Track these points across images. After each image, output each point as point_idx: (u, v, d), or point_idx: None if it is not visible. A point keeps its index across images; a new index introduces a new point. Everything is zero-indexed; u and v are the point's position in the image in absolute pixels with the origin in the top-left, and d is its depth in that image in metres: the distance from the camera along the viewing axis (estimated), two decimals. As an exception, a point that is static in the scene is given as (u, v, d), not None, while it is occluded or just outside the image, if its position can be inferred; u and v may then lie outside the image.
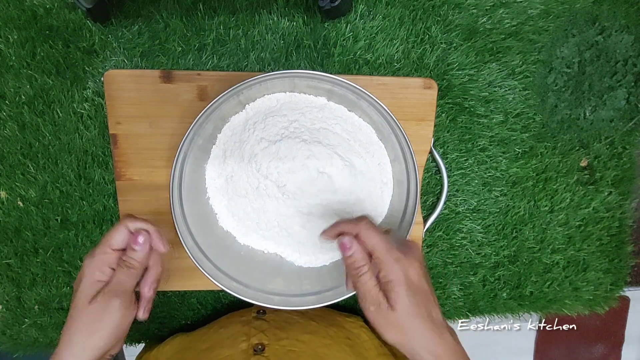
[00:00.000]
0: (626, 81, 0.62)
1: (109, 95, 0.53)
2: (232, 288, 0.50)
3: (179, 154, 0.47)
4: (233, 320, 0.55)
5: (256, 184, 0.51)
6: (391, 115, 0.47)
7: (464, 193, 0.63)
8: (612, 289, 0.70)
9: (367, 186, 0.51)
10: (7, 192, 0.57)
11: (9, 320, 0.61)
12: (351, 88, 0.46)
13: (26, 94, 0.54)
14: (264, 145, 0.50)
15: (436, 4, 0.56)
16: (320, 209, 0.51)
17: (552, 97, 0.61)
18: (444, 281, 0.66)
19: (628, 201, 0.67)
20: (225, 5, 0.54)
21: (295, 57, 0.56)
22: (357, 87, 0.45)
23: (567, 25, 0.60)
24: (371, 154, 0.52)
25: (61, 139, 0.56)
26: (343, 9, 0.54)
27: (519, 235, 0.65)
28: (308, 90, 0.51)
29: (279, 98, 0.52)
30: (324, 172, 0.50)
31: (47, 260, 0.59)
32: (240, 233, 0.55)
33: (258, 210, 0.52)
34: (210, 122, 0.49)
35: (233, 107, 0.51)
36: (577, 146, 0.63)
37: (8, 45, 0.53)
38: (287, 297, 0.52)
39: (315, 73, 0.45)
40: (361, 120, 0.53)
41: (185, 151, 0.48)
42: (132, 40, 0.54)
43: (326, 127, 0.51)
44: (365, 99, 0.47)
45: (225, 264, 0.52)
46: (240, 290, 0.51)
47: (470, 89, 0.59)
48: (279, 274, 0.54)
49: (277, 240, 0.54)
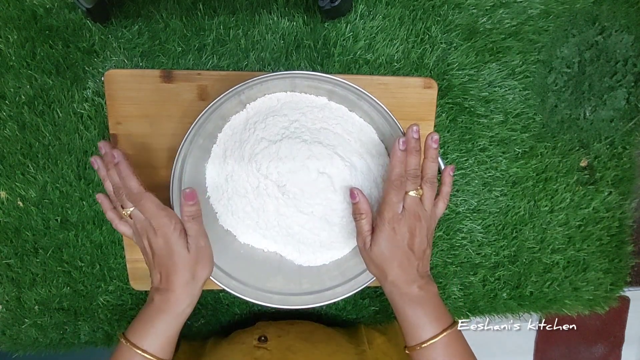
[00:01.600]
0: (626, 81, 0.62)
1: (109, 95, 0.53)
2: (231, 287, 0.51)
3: (180, 154, 0.47)
4: (234, 348, 0.55)
5: (256, 183, 0.51)
6: (391, 115, 0.47)
7: (464, 193, 0.63)
8: (612, 289, 0.70)
9: (367, 187, 0.51)
10: (7, 192, 0.57)
11: (9, 320, 0.61)
12: (352, 89, 0.46)
13: (26, 94, 0.54)
14: (265, 145, 0.50)
15: (436, 4, 0.56)
16: (321, 209, 0.51)
17: (552, 97, 0.61)
18: (444, 281, 0.66)
19: (628, 201, 0.67)
20: (225, 5, 0.54)
21: (295, 57, 0.56)
22: (357, 87, 0.45)
23: (567, 25, 0.60)
24: (372, 154, 0.52)
25: (61, 139, 0.56)
26: (343, 9, 0.54)
27: (519, 235, 0.65)
28: (309, 90, 0.51)
29: (280, 98, 0.51)
30: (324, 172, 0.50)
31: (47, 260, 0.59)
32: (240, 232, 0.55)
33: (258, 209, 0.52)
34: (211, 121, 0.49)
35: (234, 106, 0.51)
36: (577, 146, 0.63)
37: (8, 45, 0.53)
38: (287, 296, 0.52)
39: (315, 74, 0.45)
40: (362, 121, 0.52)
41: (185, 151, 0.48)
42: (132, 40, 0.54)
43: (327, 127, 0.51)
44: (366, 100, 0.47)
45: (225, 263, 0.52)
46: (240, 289, 0.51)
47: (470, 89, 0.59)
48: (279, 272, 0.54)
49: (277, 239, 0.54)
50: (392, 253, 0.44)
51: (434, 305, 0.45)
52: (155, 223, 0.44)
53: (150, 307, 0.45)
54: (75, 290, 0.61)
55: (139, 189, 0.44)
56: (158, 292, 0.45)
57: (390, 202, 0.44)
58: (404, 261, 0.44)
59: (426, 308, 0.44)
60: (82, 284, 0.60)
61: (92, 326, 0.63)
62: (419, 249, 0.45)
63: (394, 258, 0.44)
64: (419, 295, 0.44)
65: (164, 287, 0.45)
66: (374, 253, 0.45)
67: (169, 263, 0.44)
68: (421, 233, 0.45)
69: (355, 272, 0.53)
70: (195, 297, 0.46)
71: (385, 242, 0.44)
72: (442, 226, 0.64)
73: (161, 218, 0.43)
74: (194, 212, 0.44)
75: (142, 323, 0.45)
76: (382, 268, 0.45)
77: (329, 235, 0.53)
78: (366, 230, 0.46)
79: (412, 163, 0.44)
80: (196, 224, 0.45)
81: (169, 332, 0.45)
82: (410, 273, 0.45)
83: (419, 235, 0.45)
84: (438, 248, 0.64)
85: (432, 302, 0.45)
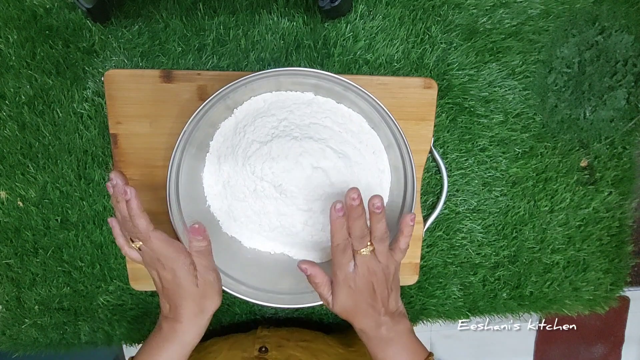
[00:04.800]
0: (626, 81, 0.62)
1: (109, 95, 0.53)
2: (242, 292, 0.51)
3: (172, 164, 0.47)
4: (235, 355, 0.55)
5: (253, 186, 0.51)
6: (378, 102, 0.46)
7: (464, 193, 0.63)
8: (612, 289, 0.70)
9: (364, 176, 0.51)
10: (7, 192, 0.57)
11: (9, 320, 0.61)
12: (336, 80, 0.46)
13: (26, 94, 0.54)
14: (256, 147, 0.50)
15: (436, 4, 0.56)
16: (320, 204, 0.51)
17: (552, 97, 0.61)
18: (444, 281, 0.66)
19: (628, 201, 0.67)
20: (225, 5, 0.54)
21: (295, 57, 0.56)
22: (341, 78, 0.45)
23: (567, 25, 0.60)
24: (364, 143, 0.52)
25: (61, 139, 0.56)
26: (343, 9, 0.54)
27: (519, 235, 0.65)
28: (294, 87, 0.51)
29: (266, 98, 0.51)
30: (318, 167, 0.49)
31: (47, 260, 0.59)
32: (244, 237, 0.55)
33: (259, 212, 0.52)
34: (200, 129, 0.49)
35: (221, 112, 0.51)
36: (577, 146, 0.63)
37: (8, 45, 0.53)
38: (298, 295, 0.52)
39: (298, 69, 0.45)
40: (351, 111, 0.52)
41: (178, 161, 0.48)
42: (132, 40, 0.54)
43: (316, 121, 0.51)
44: (352, 90, 0.47)
45: (235, 270, 0.52)
46: (250, 293, 0.51)
47: (470, 89, 0.59)
48: (289, 273, 0.54)
49: (282, 240, 0.54)
50: (354, 307, 0.45)
51: (404, 343, 0.45)
52: (163, 259, 0.44)
53: (159, 334, 0.46)
54: (75, 290, 0.61)
55: (146, 228, 0.43)
56: (166, 321, 0.46)
57: (340, 264, 0.43)
58: (368, 310, 0.45)
59: (397, 347, 0.45)
60: (82, 284, 0.60)
61: (92, 326, 0.63)
62: (381, 296, 0.45)
63: (357, 311, 0.45)
64: (388, 337, 0.45)
65: (172, 316, 0.46)
66: (338, 310, 0.45)
67: (177, 297, 0.45)
68: (380, 285, 0.44)
69: None
70: (202, 328, 0.47)
71: (346, 299, 0.44)
72: (442, 226, 0.64)
73: (170, 255, 0.44)
74: (203, 248, 0.45)
75: (149, 349, 0.46)
76: (349, 320, 0.46)
77: None
78: (326, 293, 0.46)
79: (356, 228, 0.42)
80: (205, 259, 0.45)
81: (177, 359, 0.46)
82: (376, 319, 0.45)
83: (378, 287, 0.44)
84: (438, 248, 0.64)
85: (403, 340, 0.45)
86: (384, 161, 0.54)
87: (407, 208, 0.51)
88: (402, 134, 0.47)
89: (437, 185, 0.62)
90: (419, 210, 0.60)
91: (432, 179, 0.62)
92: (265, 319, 0.66)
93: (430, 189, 0.62)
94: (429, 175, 0.61)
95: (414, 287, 0.65)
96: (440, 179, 0.61)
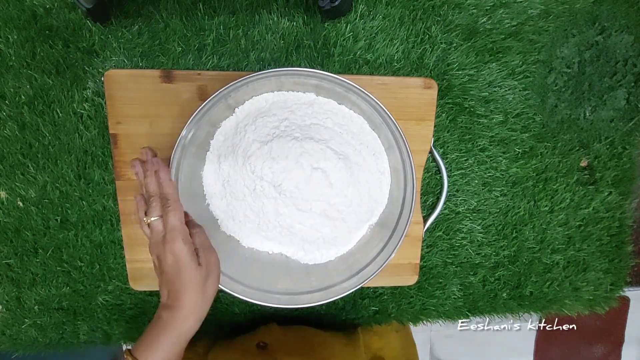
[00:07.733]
0: (626, 81, 0.62)
1: (109, 95, 0.53)
2: (238, 291, 0.50)
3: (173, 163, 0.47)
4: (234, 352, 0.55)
5: (252, 186, 0.51)
6: (379, 103, 0.46)
7: (464, 193, 0.63)
8: (612, 289, 0.70)
9: (364, 177, 0.51)
10: (7, 192, 0.57)
11: (9, 320, 0.61)
12: (338, 81, 0.46)
13: (26, 94, 0.54)
14: (257, 146, 0.50)
15: (436, 4, 0.56)
16: (319, 205, 0.51)
17: (552, 97, 0.61)
18: (444, 281, 0.66)
19: (628, 201, 0.67)
20: (225, 5, 0.54)
21: (295, 57, 0.56)
22: (342, 79, 0.45)
23: (567, 25, 0.60)
24: (365, 145, 0.52)
25: (61, 139, 0.56)
26: (343, 9, 0.54)
27: (519, 235, 0.65)
28: (296, 88, 0.51)
29: (268, 98, 0.51)
30: (318, 167, 0.49)
31: (47, 260, 0.59)
32: (242, 236, 0.55)
33: (257, 212, 0.52)
34: (201, 128, 0.49)
35: (223, 111, 0.51)
36: (577, 146, 0.63)
37: (8, 45, 0.53)
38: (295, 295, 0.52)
39: (299, 69, 0.45)
40: (352, 112, 0.52)
41: (178, 160, 0.48)
42: (132, 40, 0.54)
43: (317, 122, 0.51)
44: (353, 91, 0.47)
45: (232, 269, 0.52)
46: (246, 292, 0.51)
47: (470, 89, 0.59)
48: (287, 273, 0.54)
49: (280, 239, 0.54)
50: None
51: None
52: (170, 236, 0.44)
53: (158, 324, 0.45)
54: (74, 290, 0.61)
55: (174, 196, 0.45)
56: (166, 309, 0.45)
57: None
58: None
59: None
60: (82, 284, 0.60)
61: (91, 326, 0.63)
62: None
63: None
64: None
65: (172, 304, 0.45)
66: None
67: (177, 281, 0.44)
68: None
69: (362, 264, 0.53)
70: (203, 314, 0.46)
71: None
72: (442, 226, 0.64)
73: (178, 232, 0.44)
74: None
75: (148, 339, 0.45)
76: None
77: (331, 231, 0.53)
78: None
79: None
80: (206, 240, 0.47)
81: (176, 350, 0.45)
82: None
83: None
84: (438, 248, 0.64)
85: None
86: (384, 163, 0.54)
87: (407, 208, 0.51)
88: (402, 136, 0.47)
89: (437, 185, 0.62)
90: (419, 211, 0.60)
91: (432, 179, 0.62)
92: (264, 317, 0.66)
93: (430, 189, 0.62)
94: (429, 175, 0.61)
95: (414, 287, 0.65)
96: (440, 179, 0.61)
